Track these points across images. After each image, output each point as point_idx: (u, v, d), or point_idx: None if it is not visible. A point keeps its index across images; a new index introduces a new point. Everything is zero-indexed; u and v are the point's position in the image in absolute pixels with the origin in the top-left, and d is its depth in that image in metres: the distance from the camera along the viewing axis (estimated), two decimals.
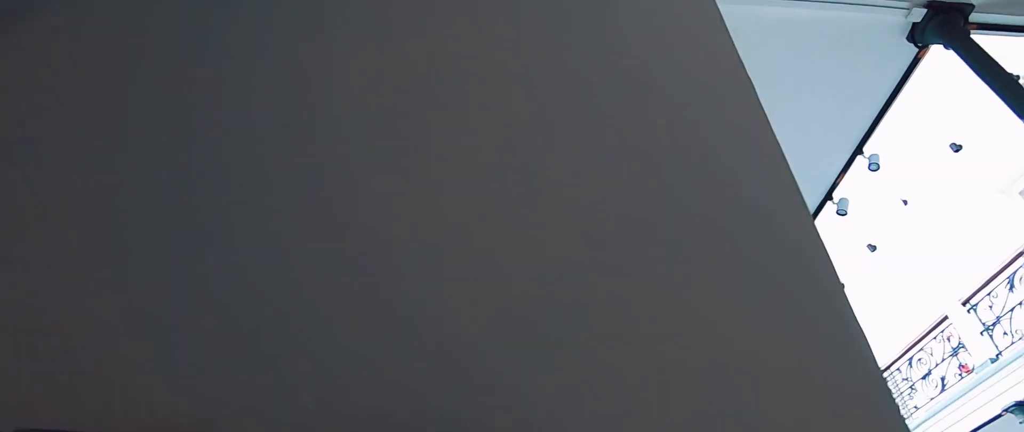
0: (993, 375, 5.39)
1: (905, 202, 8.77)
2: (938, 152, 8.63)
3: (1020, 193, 7.46)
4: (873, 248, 9.90)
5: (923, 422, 6.22)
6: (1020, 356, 5.12)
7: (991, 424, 5.54)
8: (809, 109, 2.84)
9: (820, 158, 3.12)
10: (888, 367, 7.11)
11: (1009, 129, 7.64)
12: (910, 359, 6.77)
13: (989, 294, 5.71)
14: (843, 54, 2.63)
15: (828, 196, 3.26)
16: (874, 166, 3.19)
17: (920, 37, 2.52)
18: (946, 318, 6.18)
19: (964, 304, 5.92)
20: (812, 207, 3.39)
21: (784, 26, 2.46)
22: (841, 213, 3.30)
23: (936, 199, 8.54)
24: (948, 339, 6.22)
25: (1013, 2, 2.50)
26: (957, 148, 8.20)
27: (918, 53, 2.61)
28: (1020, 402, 5.15)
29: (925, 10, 2.44)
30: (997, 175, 7.51)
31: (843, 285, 0.68)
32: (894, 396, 5.09)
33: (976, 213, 7.72)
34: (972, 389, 5.61)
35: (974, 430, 5.69)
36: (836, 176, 3.17)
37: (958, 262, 7.56)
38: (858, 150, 3.05)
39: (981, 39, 2.52)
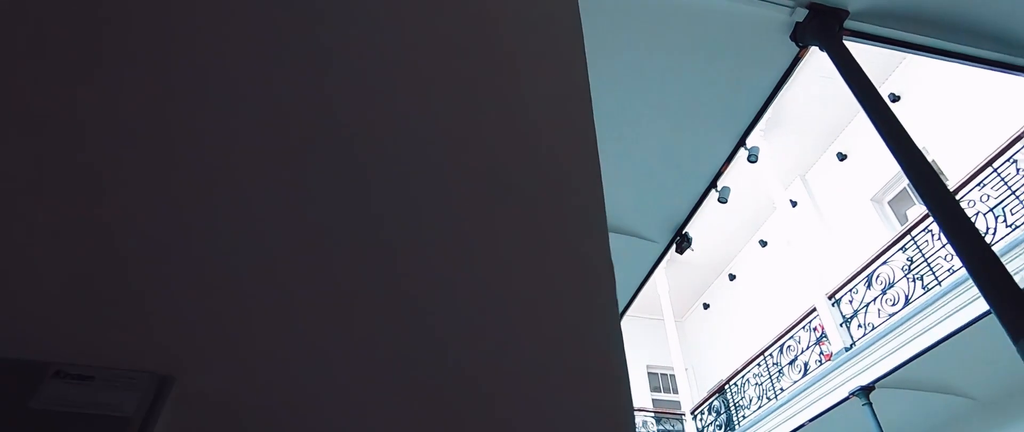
0: (846, 362, 5.97)
1: (794, 203, 9.46)
2: (827, 159, 9.35)
3: (888, 203, 8.24)
4: (763, 243, 10.65)
5: (786, 402, 6.81)
6: (868, 346, 5.70)
7: (840, 405, 6.15)
8: (696, 97, 2.94)
9: (706, 146, 3.25)
10: (763, 352, 7.71)
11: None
12: (781, 345, 7.36)
13: (850, 290, 6.28)
14: (731, 46, 2.73)
15: (712, 184, 3.40)
16: (753, 158, 3.36)
17: (801, 37, 2.65)
18: (814, 310, 6.76)
19: (830, 298, 6.49)
20: (697, 193, 3.54)
21: (674, 14, 2.51)
22: (722, 201, 3.45)
23: (820, 202, 9.27)
24: (814, 329, 6.82)
25: (887, 15, 2.68)
26: (842, 157, 8.93)
27: (799, 53, 2.75)
28: (864, 386, 5.74)
29: (807, 10, 2.56)
30: (873, 184, 8.26)
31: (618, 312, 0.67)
32: (765, 380, 5.44)
33: (850, 217, 8.47)
34: (828, 374, 6.19)
35: (826, 410, 6.30)
36: (721, 164, 3.31)
37: (831, 260, 8.28)
38: (741, 142, 3.19)
39: (855, 47, 2.69)
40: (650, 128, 3.17)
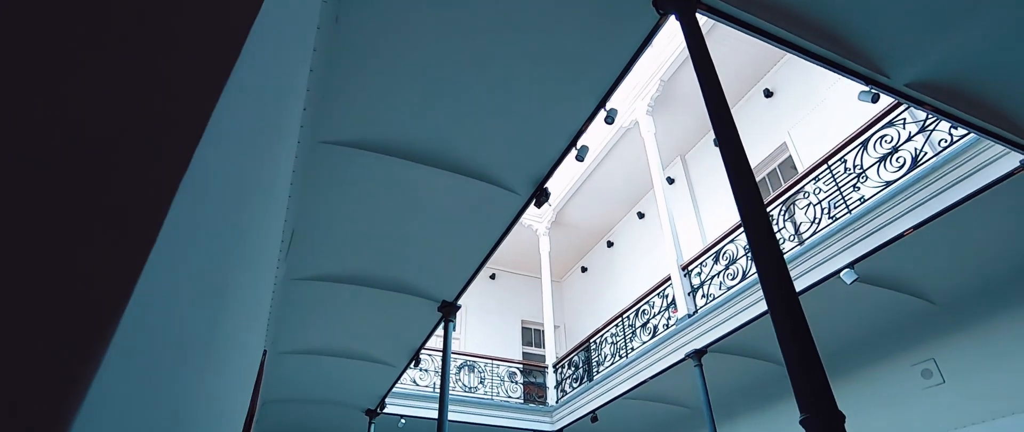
0: (686, 328, 6.53)
1: (671, 180, 10.04)
2: (707, 141, 9.94)
3: None
4: (641, 215, 11.26)
5: (633, 360, 7.37)
6: (706, 315, 6.26)
7: (677, 366, 6.74)
8: (560, 52, 2.95)
9: (568, 103, 3.29)
10: (621, 314, 8.25)
11: (754, 127, 9.01)
12: (637, 310, 7.90)
13: (701, 264, 6.83)
14: (598, 5, 2.74)
15: (573, 142, 3.46)
16: (610, 120, 3.46)
17: (660, 3, 2.71)
18: (668, 279, 7.29)
19: (683, 269, 7.03)
20: (559, 149, 3.61)
21: None
22: (579, 159, 3.55)
23: (695, 181, 9.90)
24: (666, 296, 7.37)
25: None
26: (718, 142, 9.54)
27: (659, 19, 2.82)
28: (697, 350, 6.32)
29: None
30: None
31: None
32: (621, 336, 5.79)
33: (718, 198, 9.15)
34: (671, 337, 6.75)
35: (665, 369, 6.89)
36: (582, 123, 3.37)
37: (694, 236, 8.94)
38: (602, 103, 3.26)
39: (741, 40, 2.79)
40: (516, 82, 3.16)
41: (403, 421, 8.35)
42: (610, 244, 12.16)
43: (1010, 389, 4.83)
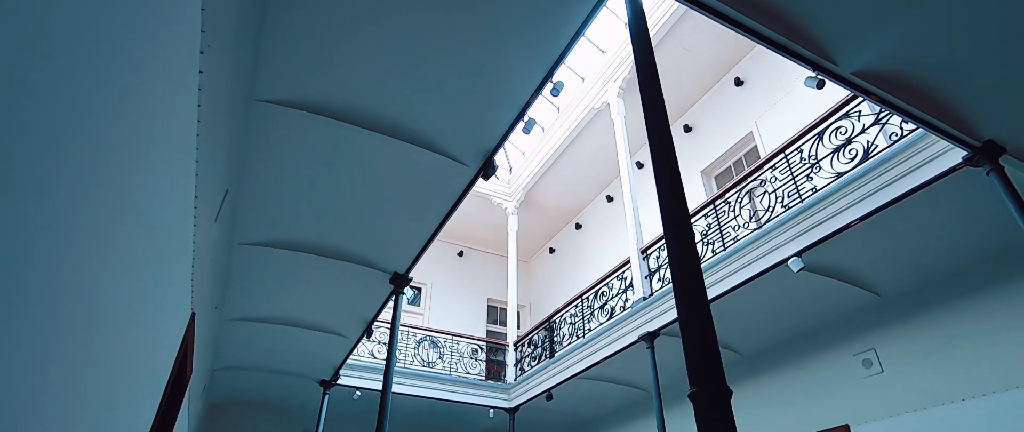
0: (640, 310, 6.58)
1: (640, 165, 10.04)
2: (677, 129, 9.94)
3: (715, 177, 9.03)
4: (610, 199, 11.27)
5: (590, 340, 7.42)
6: (659, 299, 6.30)
7: (630, 348, 6.80)
8: (504, 28, 2.89)
9: (516, 74, 3.22)
10: (581, 295, 8.29)
11: (723, 114, 9.05)
12: (596, 291, 7.94)
13: (659, 248, 6.87)
14: None
15: (521, 113, 3.40)
16: (556, 92, 3.40)
17: None
18: (627, 262, 7.32)
19: (642, 253, 7.06)
20: (507, 121, 3.55)
21: None
22: (526, 131, 3.48)
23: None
24: (624, 278, 7.41)
25: None
26: (688, 129, 9.57)
27: None
28: (650, 332, 6.38)
29: None
30: (706, 157, 8.98)
31: None
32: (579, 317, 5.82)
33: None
34: (626, 319, 6.79)
35: (619, 350, 6.95)
36: (529, 95, 3.31)
37: (657, 220, 8.99)
38: (549, 75, 3.19)
39: (715, 29, 2.73)
40: (463, 52, 3.08)
41: (358, 393, 8.32)
42: (578, 226, 12.18)
43: (943, 380, 4.97)
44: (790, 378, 6.38)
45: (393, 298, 5.42)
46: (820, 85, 3.29)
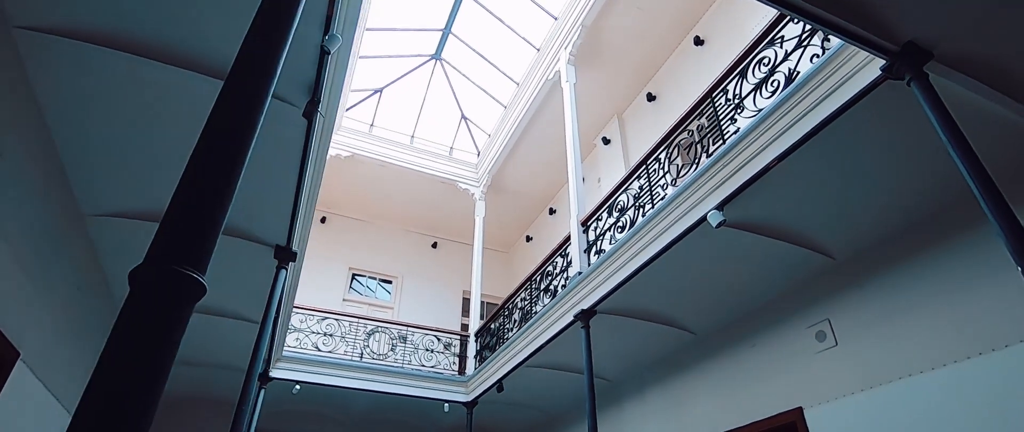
0: (578, 285, 5.94)
1: (607, 141, 9.40)
2: (641, 99, 9.27)
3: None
4: (583, 180, 10.62)
5: (531, 324, 6.81)
6: (596, 269, 5.65)
7: (569, 328, 6.16)
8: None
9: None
10: (528, 278, 7.68)
11: (685, 76, 8.35)
12: (542, 273, 7.32)
13: (597, 218, 6.22)
14: None
15: (325, 30, 2.86)
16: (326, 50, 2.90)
17: None
18: (568, 238, 6.69)
19: (582, 225, 6.42)
20: (315, 46, 3.02)
21: None
22: (328, 50, 2.97)
23: (629, 141, 9.26)
24: (566, 255, 6.78)
25: None
26: (652, 98, 8.88)
27: None
28: (584, 310, 5.74)
29: None
30: (668, 126, 8.27)
31: None
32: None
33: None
34: (564, 298, 6.16)
35: (556, 334, 6.32)
36: (326, 8, 2.77)
37: (594, 195, 8.32)
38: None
39: None
40: None
41: (297, 387, 7.86)
42: (552, 211, 11.56)
43: (899, 352, 4.22)
44: (742, 358, 5.66)
45: (279, 274, 4.92)
46: None
